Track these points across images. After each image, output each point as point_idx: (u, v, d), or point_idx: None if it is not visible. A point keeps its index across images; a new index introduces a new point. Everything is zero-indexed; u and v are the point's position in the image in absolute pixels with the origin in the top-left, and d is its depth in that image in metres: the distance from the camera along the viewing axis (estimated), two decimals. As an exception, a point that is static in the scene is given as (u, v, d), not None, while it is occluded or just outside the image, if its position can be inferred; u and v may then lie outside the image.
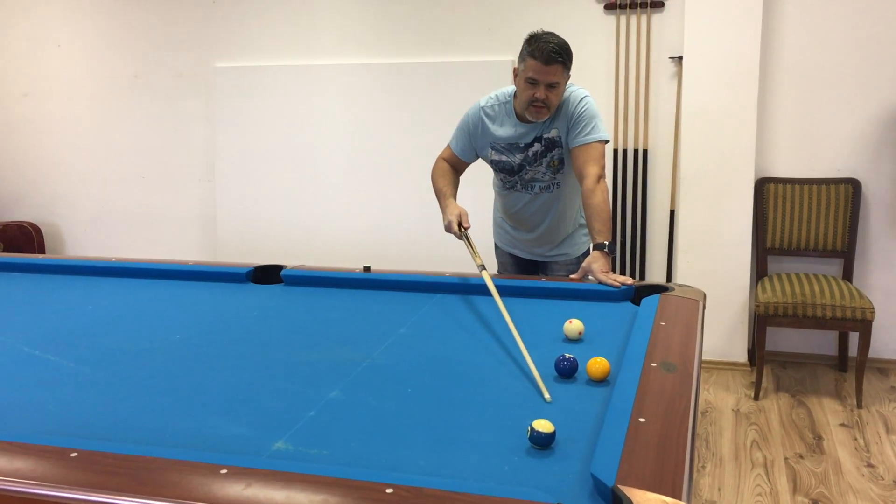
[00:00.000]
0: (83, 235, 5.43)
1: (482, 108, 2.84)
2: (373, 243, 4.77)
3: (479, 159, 2.95)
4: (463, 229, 2.70)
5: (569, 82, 2.73)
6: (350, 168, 4.77)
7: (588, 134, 2.68)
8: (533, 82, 2.60)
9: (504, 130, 2.79)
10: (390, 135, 4.67)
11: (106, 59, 5.13)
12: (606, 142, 2.72)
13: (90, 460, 1.33)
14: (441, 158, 2.99)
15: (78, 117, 5.26)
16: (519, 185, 2.87)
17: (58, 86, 5.25)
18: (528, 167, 2.81)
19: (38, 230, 5.36)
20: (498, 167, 2.87)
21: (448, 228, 2.73)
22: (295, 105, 4.78)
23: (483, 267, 2.48)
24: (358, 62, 4.66)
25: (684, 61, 4.10)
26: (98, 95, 5.19)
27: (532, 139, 2.76)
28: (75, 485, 1.26)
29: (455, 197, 2.89)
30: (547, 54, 2.55)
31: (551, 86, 2.60)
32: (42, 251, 5.33)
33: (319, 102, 4.75)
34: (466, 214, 2.75)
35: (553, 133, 2.74)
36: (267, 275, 2.73)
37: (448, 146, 2.97)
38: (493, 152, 2.83)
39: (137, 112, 5.14)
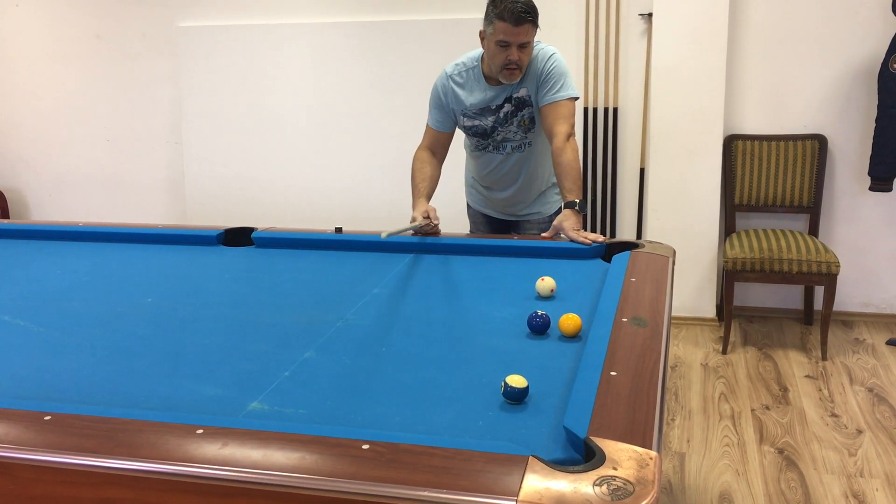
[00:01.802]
0: (48, 200, 5.34)
1: (449, 76, 2.80)
2: (344, 205, 4.74)
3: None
4: (426, 221, 2.59)
5: (537, 40, 2.71)
6: (320, 129, 4.72)
7: (557, 92, 2.67)
8: (504, 45, 2.57)
9: (474, 96, 2.77)
10: (360, 94, 4.62)
11: (66, 19, 5.00)
12: (576, 99, 2.72)
13: (64, 423, 1.32)
14: (420, 149, 2.88)
15: (39, 80, 5.13)
16: (491, 146, 2.86)
17: (17, 47, 5.11)
18: (499, 128, 2.80)
19: (1, 196, 5.26)
20: (470, 132, 2.86)
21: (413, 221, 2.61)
22: (263, 65, 4.71)
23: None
24: (326, 21, 4.59)
25: (654, 18, 4.09)
26: (59, 57, 5.07)
27: (503, 100, 2.75)
28: (50, 447, 1.26)
29: (428, 195, 2.78)
30: (517, 15, 2.51)
31: (522, 46, 2.58)
32: (6, 217, 5.24)
33: (288, 62, 4.68)
34: (434, 210, 2.65)
35: (523, 92, 2.73)
36: (238, 237, 2.71)
37: (427, 127, 2.89)
38: (465, 118, 2.81)
39: (100, 73, 5.03)
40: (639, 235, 4.42)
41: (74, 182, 5.26)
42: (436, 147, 2.88)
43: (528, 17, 2.53)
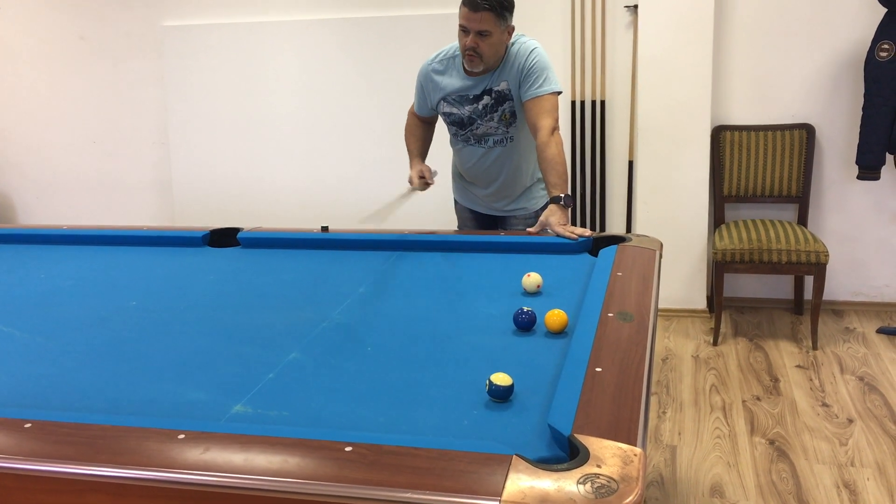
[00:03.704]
0: (34, 204, 5.31)
1: (430, 63, 2.86)
2: (332, 202, 4.73)
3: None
4: (420, 181, 2.85)
5: (519, 33, 2.70)
6: (306, 127, 4.70)
7: (540, 86, 2.66)
8: (465, 30, 2.59)
9: (452, 83, 2.79)
10: (347, 91, 4.60)
11: (49, 21, 4.96)
12: (559, 93, 2.71)
13: (45, 430, 1.31)
14: (410, 113, 3.05)
15: (23, 82, 5.10)
16: (472, 140, 2.86)
17: (0, 50, 5.08)
18: (478, 121, 2.80)
19: (-13, 199, 5.23)
20: (449, 120, 2.87)
21: (410, 183, 2.90)
22: (248, 63, 4.68)
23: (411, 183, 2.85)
24: (312, 18, 4.57)
25: (639, 10, 4.08)
26: (43, 58, 5.03)
27: (481, 91, 2.74)
28: (30, 456, 1.25)
29: (423, 154, 3.01)
30: (474, 1, 2.52)
31: (481, 34, 2.57)
32: (-7, 221, 5.21)
33: (273, 60, 4.65)
34: (428, 169, 2.89)
35: (503, 86, 2.72)
36: (223, 238, 2.70)
37: (412, 106, 3.04)
38: (445, 104, 2.83)
39: (85, 75, 5.00)
40: (628, 228, 4.41)
41: (61, 184, 5.22)
42: (420, 118, 3.03)
43: (486, 4, 2.52)
